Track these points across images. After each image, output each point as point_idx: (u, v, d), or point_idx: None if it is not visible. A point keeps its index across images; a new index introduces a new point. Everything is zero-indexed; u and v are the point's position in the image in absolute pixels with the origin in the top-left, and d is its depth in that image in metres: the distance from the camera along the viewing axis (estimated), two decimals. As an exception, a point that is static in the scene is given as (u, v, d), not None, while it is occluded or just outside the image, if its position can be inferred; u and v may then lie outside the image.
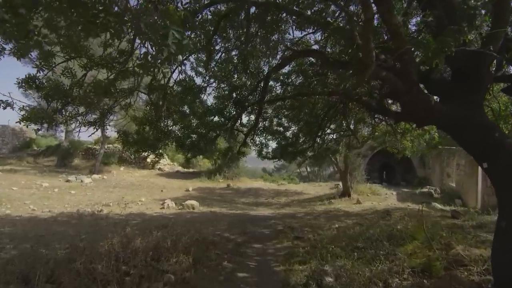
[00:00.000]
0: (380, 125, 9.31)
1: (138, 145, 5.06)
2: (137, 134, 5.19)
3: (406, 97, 3.34)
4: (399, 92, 3.33)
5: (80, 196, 13.89)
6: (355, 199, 13.56)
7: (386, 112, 4.57)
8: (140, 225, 8.45)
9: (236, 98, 5.96)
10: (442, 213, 9.06)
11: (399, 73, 3.36)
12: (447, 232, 5.88)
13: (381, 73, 3.18)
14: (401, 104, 3.56)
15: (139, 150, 5.13)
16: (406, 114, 3.64)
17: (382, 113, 4.68)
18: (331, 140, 9.52)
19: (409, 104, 3.46)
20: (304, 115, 7.91)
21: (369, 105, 4.59)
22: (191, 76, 5.99)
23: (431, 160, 19.36)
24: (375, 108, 4.55)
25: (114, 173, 22.25)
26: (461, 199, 13.37)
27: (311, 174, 38.68)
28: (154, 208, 11.80)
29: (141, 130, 5.10)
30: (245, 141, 7.15)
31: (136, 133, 5.24)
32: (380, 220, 8.12)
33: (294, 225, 8.41)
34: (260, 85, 6.08)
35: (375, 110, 4.78)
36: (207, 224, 8.68)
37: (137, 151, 5.14)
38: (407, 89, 3.25)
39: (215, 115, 6.37)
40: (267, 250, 6.38)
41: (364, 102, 4.59)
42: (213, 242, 6.57)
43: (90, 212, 10.45)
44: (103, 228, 8.12)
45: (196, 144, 7.18)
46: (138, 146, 5.06)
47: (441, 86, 3.78)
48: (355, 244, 6.02)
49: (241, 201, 15.03)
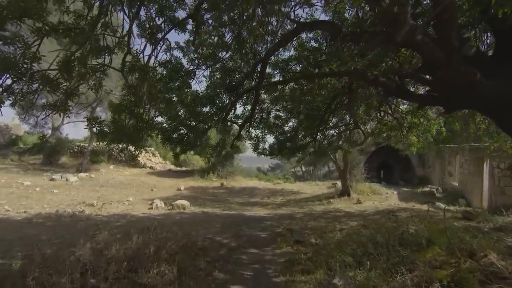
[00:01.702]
0: (385, 119, 8.63)
1: (114, 136, 4.27)
2: (113, 123, 4.40)
3: (443, 70, 2.61)
4: (436, 63, 2.60)
5: (63, 195, 13.00)
6: (355, 198, 12.90)
7: (407, 95, 3.86)
8: (122, 228, 7.64)
9: (230, 84, 5.18)
10: (452, 214, 8.40)
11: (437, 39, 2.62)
12: (468, 236, 5.19)
13: (416, 36, 2.45)
14: (434, 80, 2.84)
15: (114, 141, 4.35)
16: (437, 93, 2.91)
17: (402, 96, 3.99)
18: (333, 135, 8.81)
19: (445, 79, 2.73)
20: (305, 107, 7.17)
21: (387, 88, 3.89)
22: (178, 58, 5.22)
23: (431, 159, 18.83)
24: (394, 91, 3.84)
25: (103, 172, 21.34)
26: (465, 198, 12.80)
27: (306, 173, 38.24)
28: (142, 209, 10.98)
29: (117, 118, 4.31)
30: (240, 133, 6.40)
31: (112, 121, 4.44)
32: (388, 222, 7.43)
33: (293, 227, 7.68)
34: (257, 69, 5.33)
35: (394, 93, 4.08)
36: (198, 226, 7.91)
37: (111, 142, 4.36)
38: (446, 58, 2.52)
39: (206, 104, 5.60)
40: (265, 256, 5.63)
41: (381, 84, 3.88)
42: (203, 247, 5.81)
43: (70, 213, 9.61)
44: (81, 231, 7.31)
45: (185, 138, 6.42)
46: (113, 136, 4.28)
47: (479, 60, 3.06)
48: (364, 250, 5.31)
49: (235, 201, 14.27)
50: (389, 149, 20.88)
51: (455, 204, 12.01)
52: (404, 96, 4.00)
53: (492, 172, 10.71)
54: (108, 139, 4.25)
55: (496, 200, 10.45)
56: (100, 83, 3.83)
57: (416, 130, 8.79)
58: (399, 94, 3.96)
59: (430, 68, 2.69)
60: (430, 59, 2.59)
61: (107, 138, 4.24)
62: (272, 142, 8.40)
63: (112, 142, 4.35)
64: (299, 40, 5.78)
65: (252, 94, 5.81)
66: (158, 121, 6.16)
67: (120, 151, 5.39)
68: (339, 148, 9.43)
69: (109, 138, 4.24)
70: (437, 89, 2.88)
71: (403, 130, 8.73)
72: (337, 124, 9.16)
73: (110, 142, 4.33)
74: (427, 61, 2.65)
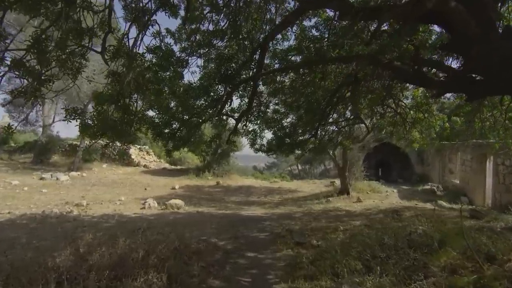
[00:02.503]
0: (388, 113, 8.26)
1: (97, 129, 3.82)
2: (98, 115, 3.93)
3: (477, 47, 2.19)
4: (470, 37, 2.18)
5: (51, 195, 12.48)
6: (354, 197, 12.54)
7: (426, 81, 3.46)
8: (111, 229, 7.19)
9: (225, 73, 4.74)
10: (458, 213, 8.04)
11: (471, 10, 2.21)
12: (484, 238, 4.82)
13: (449, 3, 2.04)
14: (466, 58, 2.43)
15: (97, 135, 3.89)
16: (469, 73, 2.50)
17: (420, 82, 3.60)
18: (333, 131, 8.41)
19: (478, 58, 2.31)
20: (306, 100, 6.75)
21: (402, 73, 3.48)
22: (169, 44, 4.75)
23: (430, 156, 18.54)
24: (410, 76, 3.43)
25: (95, 171, 20.79)
26: (467, 196, 12.50)
27: (303, 172, 37.94)
28: (134, 209, 10.51)
29: (100, 109, 3.85)
30: (236, 127, 5.96)
31: (97, 113, 3.98)
32: (392, 222, 7.06)
33: (293, 228, 7.28)
34: (255, 57, 4.89)
35: (410, 79, 3.68)
36: (192, 227, 7.48)
37: (94, 136, 3.90)
38: (483, 33, 2.10)
39: (200, 96, 5.15)
40: (264, 260, 5.22)
41: (395, 69, 3.47)
42: (197, 250, 5.38)
43: (57, 214, 9.12)
44: (66, 233, 6.84)
45: (177, 133, 5.97)
46: (96, 130, 3.82)
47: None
48: (371, 252, 4.91)
49: (232, 200, 13.84)
50: (387, 147, 20.59)
51: (457, 202, 11.67)
52: (422, 82, 3.60)
53: (496, 169, 10.40)
54: (89, 132, 3.79)
55: (501, 198, 10.14)
56: (79, 68, 3.38)
57: (420, 125, 8.43)
58: (416, 80, 3.56)
59: (460, 44, 2.29)
60: (463, 32, 2.18)
61: (89, 132, 3.79)
62: (270, 138, 7.99)
63: (95, 136, 3.89)
64: (301, 25, 5.36)
65: (250, 85, 5.38)
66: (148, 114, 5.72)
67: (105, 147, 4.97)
68: (340, 145, 9.04)
69: (91, 131, 3.79)
70: (467, 69, 2.48)
71: (406, 126, 8.36)
72: (337, 119, 8.77)
73: (93, 136, 3.87)
74: (458, 35, 2.24)
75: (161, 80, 4.97)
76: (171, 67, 4.93)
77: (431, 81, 3.35)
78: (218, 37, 4.86)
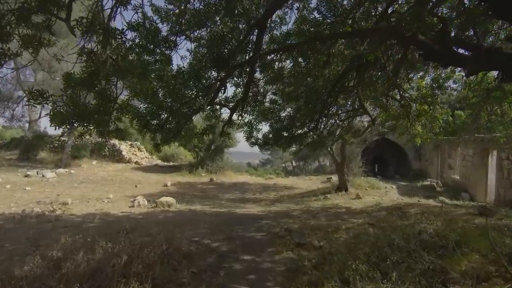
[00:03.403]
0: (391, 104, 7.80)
1: (67, 116, 3.25)
2: (70, 101, 3.36)
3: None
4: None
5: (35, 193, 11.81)
6: (353, 193, 12.12)
7: (456, 58, 2.97)
8: (95, 230, 6.64)
9: (218, 56, 4.19)
10: (466, 210, 7.65)
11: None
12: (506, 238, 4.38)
13: None
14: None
15: (66, 122, 3.31)
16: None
17: (449, 59, 3.10)
18: (333, 124, 7.92)
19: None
20: (306, 90, 6.24)
21: (428, 49, 2.97)
22: (153, 21, 4.18)
23: (428, 152, 18.24)
24: (437, 53, 2.93)
25: (84, 167, 20.09)
26: (468, 192, 12.16)
27: (297, 168, 37.70)
28: (122, 207, 9.93)
29: (70, 93, 3.29)
30: (231, 118, 5.43)
31: (68, 98, 3.41)
32: (398, 220, 6.63)
33: (292, 227, 6.79)
34: (252, 38, 4.36)
35: (437, 57, 3.16)
36: (183, 227, 6.95)
37: (62, 123, 3.31)
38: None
39: (190, 82, 4.60)
40: (262, 264, 4.72)
41: (419, 44, 2.96)
42: (188, 253, 4.86)
43: (39, 213, 8.51)
44: (45, 234, 6.27)
45: (166, 124, 5.42)
46: (66, 116, 3.25)
47: None
48: (380, 255, 4.45)
49: (226, 197, 13.31)
50: (384, 142, 20.28)
51: (458, 198, 11.35)
52: (452, 60, 3.10)
53: (500, 164, 10.04)
54: (57, 119, 3.22)
55: (505, 194, 9.79)
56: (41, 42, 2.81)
57: (424, 118, 7.99)
58: (444, 58, 3.04)
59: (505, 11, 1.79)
60: None
61: (57, 119, 3.21)
62: (266, 131, 7.48)
63: (63, 123, 3.32)
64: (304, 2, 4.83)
65: (246, 71, 4.84)
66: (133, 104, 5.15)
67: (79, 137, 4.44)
68: (340, 138, 8.57)
69: (60, 118, 3.21)
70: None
71: (410, 119, 7.91)
72: (337, 111, 8.28)
73: (60, 124, 3.30)
74: None
75: (146, 64, 4.41)
76: (157, 50, 4.36)
77: (463, 57, 2.85)
78: (210, 15, 4.30)
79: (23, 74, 21.34)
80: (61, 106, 3.32)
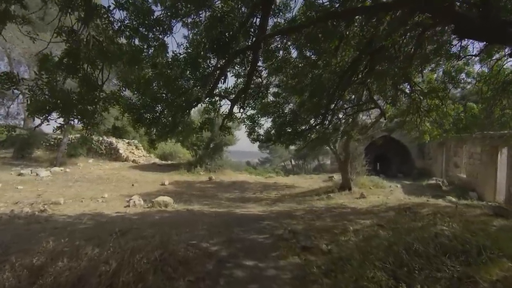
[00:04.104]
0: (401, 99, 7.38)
1: (43, 103, 2.81)
2: (47, 87, 2.92)
3: None
4: None
5: (27, 192, 11.36)
6: (357, 193, 11.71)
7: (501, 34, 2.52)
8: (86, 232, 6.21)
9: (218, 39, 3.75)
10: (481, 210, 7.23)
11: None
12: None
13: None
14: None
15: (41, 110, 2.87)
16: None
17: (491, 34, 2.66)
18: (340, 118, 7.49)
19: None
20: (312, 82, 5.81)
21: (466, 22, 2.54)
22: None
23: (432, 150, 17.83)
24: (476, 26, 2.48)
25: (80, 166, 19.64)
26: (476, 191, 11.76)
27: (296, 167, 37.41)
28: (117, 207, 9.49)
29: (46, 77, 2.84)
30: (232, 111, 4.99)
31: (46, 84, 2.97)
32: (410, 221, 6.21)
33: (296, 228, 6.37)
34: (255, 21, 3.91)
35: (476, 33, 2.71)
36: (180, 228, 6.50)
37: (37, 112, 2.87)
38: None
39: (187, 69, 4.15)
40: (266, 271, 4.29)
41: (457, 16, 2.52)
42: (185, 259, 4.42)
43: (29, 213, 8.06)
44: (32, 237, 5.82)
45: (162, 118, 4.99)
46: (42, 104, 2.81)
47: None
48: (396, 260, 4.02)
49: (225, 197, 12.88)
50: (386, 140, 19.87)
51: (466, 198, 10.95)
52: (495, 36, 2.63)
53: (511, 162, 9.63)
54: (32, 107, 2.77)
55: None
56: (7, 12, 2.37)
57: (435, 113, 7.56)
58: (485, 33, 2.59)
59: None
60: None
61: (31, 107, 2.77)
62: (268, 127, 7.05)
63: (39, 112, 2.87)
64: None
65: (248, 58, 4.40)
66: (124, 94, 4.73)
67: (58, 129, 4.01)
68: (346, 135, 8.14)
69: (35, 106, 2.77)
70: None
71: (420, 114, 7.49)
72: (342, 105, 7.84)
73: (36, 113, 2.86)
74: None
75: (138, 50, 3.96)
76: (150, 34, 3.92)
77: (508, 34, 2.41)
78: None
79: (17, 70, 20.85)
80: (38, 94, 2.88)
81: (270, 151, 38.65)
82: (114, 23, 3.41)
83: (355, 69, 5.27)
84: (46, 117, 3.11)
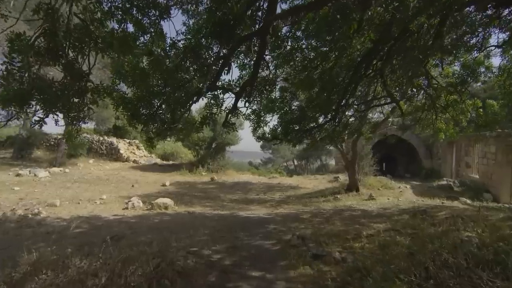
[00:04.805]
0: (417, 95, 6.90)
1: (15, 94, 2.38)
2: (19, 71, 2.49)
3: None
4: None
5: (23, 193, 10.98)
6: (365, 194, 11.23)
7: None
8: (80, 237, 5.80)
9: (221, 22, 3.30)
10: (507, 214, 6.74)
11: None
12: None
13: None
14: None
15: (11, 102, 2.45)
16: None
17: None
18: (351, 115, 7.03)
19: None
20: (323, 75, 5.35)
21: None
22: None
23: (441, 149, 17.29)
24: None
25: (80, 166, 19.28)
26: (490, 193, 11.24)
27: (298, 167, 36.99)
28: (115, 209, 9.08)
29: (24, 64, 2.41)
30: (236, 105, 4.54)
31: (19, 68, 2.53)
32: (430, 226, 5.73)
33: (305, 233, 5.90)
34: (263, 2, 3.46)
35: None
36: (180, 233, 6.08)
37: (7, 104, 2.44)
38: None
39: (186, 58, 3.72)
40: (274, 284, 3.83)
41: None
42: (184, 270, 3.97)
43: (22, 216, 7.66)
44: (21, 243, 5.40)
45: (160, 113, 4.55)
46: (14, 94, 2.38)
47: None
48: (421, 272, 3.55)
49: (228, 198, 12.44)
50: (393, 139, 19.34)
51: (481, 199, 10.44)
52: None
53: (530, 162, 9.12)
54: (3, 97, 2.35)
55: (536, 195, 8.87)
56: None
57: (453, 109, 7.07)
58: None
59: None
60: None
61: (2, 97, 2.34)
62: (274, 124, 6.60)
63: (9, 103, 2.45)
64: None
65: (255, 45, 3.95)
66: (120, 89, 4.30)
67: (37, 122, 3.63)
68: (357, 132, 7.67)
69: (6, 96, 2.35)
70: None
71: (436, 110, 7.00)
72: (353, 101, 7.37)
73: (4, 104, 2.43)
74: None
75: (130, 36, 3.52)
76: (145, 17, 3.48)
77: None
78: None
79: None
80: (10, 81, 2.45)
81: (273, 151, 38.26)
82: (103, 2, 2.99)
83: (370, 61, 4.81)
84: (24, 109, 2.68)
